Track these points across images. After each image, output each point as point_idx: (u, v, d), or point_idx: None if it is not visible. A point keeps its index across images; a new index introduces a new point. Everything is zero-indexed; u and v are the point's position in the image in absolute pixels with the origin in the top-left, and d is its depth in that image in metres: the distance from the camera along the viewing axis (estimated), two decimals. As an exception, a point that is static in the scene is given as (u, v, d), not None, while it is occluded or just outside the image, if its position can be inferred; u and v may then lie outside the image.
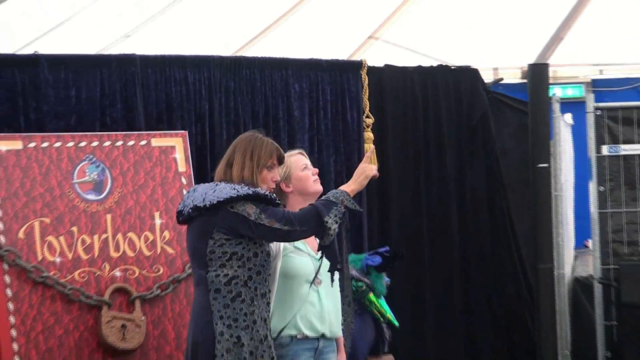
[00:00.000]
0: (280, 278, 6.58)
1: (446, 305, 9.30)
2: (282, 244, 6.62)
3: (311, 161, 6.81)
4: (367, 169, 6.30)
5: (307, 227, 6.12)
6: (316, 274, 6.61)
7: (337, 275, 6.74)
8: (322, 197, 6.20)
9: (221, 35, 9.83)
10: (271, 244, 6.59)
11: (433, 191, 9.33)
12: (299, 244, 6.67)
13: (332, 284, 6.45)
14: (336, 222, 6.08)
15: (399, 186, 9.20)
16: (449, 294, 9.33)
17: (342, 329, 6.59)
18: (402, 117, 9.24)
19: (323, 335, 6.66)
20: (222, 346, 6.16)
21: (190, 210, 6.20)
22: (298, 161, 6.81)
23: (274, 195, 6.24)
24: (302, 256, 6.65)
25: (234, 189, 6.14)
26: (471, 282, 9.43)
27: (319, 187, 6.80)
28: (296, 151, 6.93)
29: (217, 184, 6.32)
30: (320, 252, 6.67)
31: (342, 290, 6.50)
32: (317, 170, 6.84)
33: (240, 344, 6.14)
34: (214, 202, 6.12)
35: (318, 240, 6.24)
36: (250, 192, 6.09)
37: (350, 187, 6.19)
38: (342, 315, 6.60)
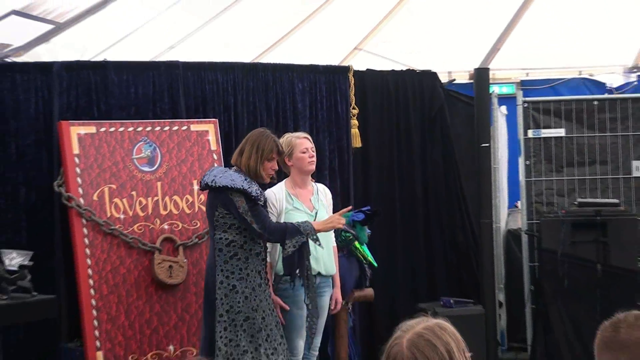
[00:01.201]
0: None
1: (412, 250, 9.27)
2: (284, 203, 6.77)
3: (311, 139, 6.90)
4: (337, 221, 6.47)
5: (273, 239, 6.33)
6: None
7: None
8: (298, 224, 6.33)
9: (243, 46, 9.85)
10: (274, 205, 6.75)
11: (403, 165, 9.21)
12: (297, 203, 6.80)
13: (292, 286, 6.54)
14: (294, 247, 6.26)
15: (377, 161, 9.11)
16: (415, 242, 9.30)
17: (309, 319, 6.59)
18: (380, 109, 9.15)
19: (319, 274, 6.81)
20: (222, 292, 6.31)
21: (204, 185, 6.39)
22: (301, 144, 6.88)
23: (263, 195, 6.36)
24: (300, 213, 6.74)
25: (233, 180, 6.25)
26: (431, 233, 9.35)
27: (312, 168, 6.92)
28: (303, 135, 6.99)
29: (226, 170, 6.43)
30: (314, 209, 6.86)
31: (307, 293, 6.52)
32: (314, 154, 6.92)
33: (235, 290, 6.29)
34: (219, 185, 6.32)
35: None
36: (242, 188, 6.23)
37: (319, 226, 6.38)
38: (307, 317, 6.62)
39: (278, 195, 6.80)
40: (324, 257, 6.86)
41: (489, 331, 8.37)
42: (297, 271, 6.39)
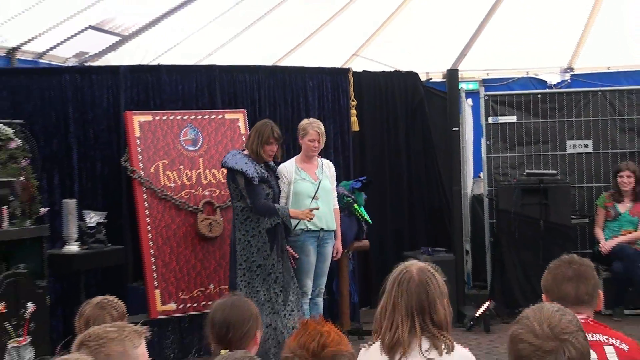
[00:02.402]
0: (293, 196, 6.75)
1: (399, 210, 9.32)
2: (293, 175, 6.77)
3: (322, 130, 6.89)
4: (307, 215, 6.47)
5: (258, 214, 6.37)
6: (315, 192, 6.80)
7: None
8: (279, 208, 6.40)
9: (266, 52, 9.87)
10: (285, 176, 6.75)
11: (391, 145, 9.24)
12: (304, 175, 6.82)
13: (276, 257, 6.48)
14: (270, 224, 6.38)
15: (371, 143, 9.15)
16: (400, 204, 9.34)
17: (284, 274, 6.54)
18: (373, 101, 9.16)
19: (322, 229, 6.84)
20: (240, 246, 6.43)
21: (222, 164, 6.54)
22: (311, 134, 6.89)
23: (258, 175, 6.39)
24: (305, 182, 6.80)
25: (236, 163, 6.39)
26: (414, 197, 9.42)
27: (314, 155, 6.91)
28: (316, 126, 6.92)
29: (236, 154, 6.55)
30: (318, 180, 6.85)
31: (279, 260, 6.52)
32: (318, 145, 6.89)
33: (250, 244, 6.43)
34: (227, 166, 6.40)
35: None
36: (241, 170, 6.35)
37: (293, 214, 6.42)
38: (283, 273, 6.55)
39: (289, 168, 6.85)
40: (326, 215, 6.88)
41: (458, 273, 8.40)
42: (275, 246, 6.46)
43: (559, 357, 2.29)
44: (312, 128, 6.89)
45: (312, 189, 6.82)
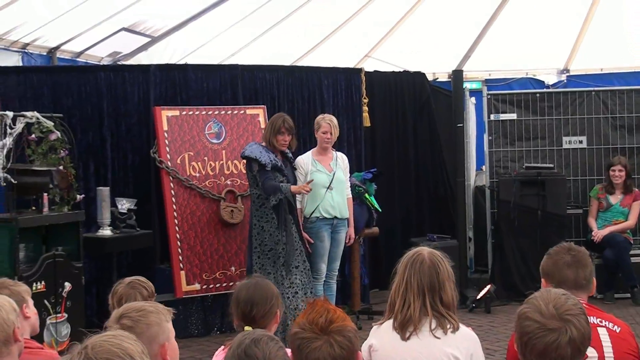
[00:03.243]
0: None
1: (406, 200, 9.30)
2: (309, 166, 6.75)
3: (334, 123, 6.85)
4: (304, 188, 6.40)
5: (266, 193, 6.33)
6: (330, 183, 6.78)
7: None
8: (282, 186, 6.33)
9: (285, 52, 9.85)
10: (302, 167, 6.73)
11: (400, 140, 9.25)
12: (319, 167, 6.80)
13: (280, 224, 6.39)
14: (275, 201, 6.30)
15: (381, 137, 9.13)
16: (408, 194, 9.32)
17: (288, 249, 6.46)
18: (383, 98, 9.16)
19: (335, 217, 6.83)
20: (255, 231, 6.44)
21: (241, 155, 6.57)
22: (324, 127, 6.88)
23: (272, 162, 6.37)
24: (320, 174, 6.78)
25: (252, 151, 6.41)
26: (420, 188, 9.41)
27: (326, 146, 6.87)
28: (329, 119, 6.89)
29: (252, 144, 6.56)
30: (332, 171, 6.81)
31: (283, 234, 6.44)
32: (331, 137, 6.84)
33: (263, 230, 6.42)
34: (244, 155, 6.45)
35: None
36: (255, 157, 6.35)
37: (294, 189, 6.34)
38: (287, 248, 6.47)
39: (305, 160, 6.85)
40: (339, 204, 6.86)
41: (462, 259, 8.37)
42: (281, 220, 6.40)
43: (561, 336, 2.29)
44: (325, 121, 6.89)
45: (327, 179, 6.80)
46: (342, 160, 7.05)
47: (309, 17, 9.53)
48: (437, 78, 10.09)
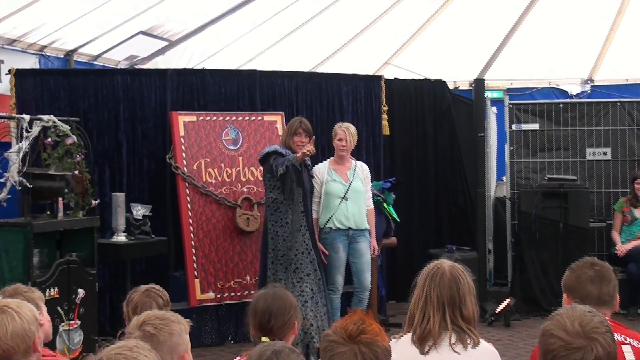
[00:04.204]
0: (323, 195, 6.70)
1: (425, 210, 9.27)
2: (325, 175, 6.73)
3: (351, 130, 6.82)
4: (307, 149, 6.21)
5: (276, 167, 6.28)
6: (345, 193, 6.73)
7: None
8: (288, 156, 6.28)
9: (303, 58, 9.88)
10: (318, 176, 6.71)
11: (420, 148, 9.22)
12: (335, 176, 6.76)
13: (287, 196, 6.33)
14: (282, 170, 6.23)
15: (401, 147, 9.12)
16: (427, 204, 9.29)
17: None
18: (403, 106, 9.13)
19: (350, 228, 6.72)
20: (269, 236, 6.40)
21: (259, 160, 6.59)
22: (340, 134, 6.83)
23: (287, 152, 6.36)
24: (336, 184, 6.73)
25: (270, 147, 6.49)
26: (440, 198, 9.37)
27: (342, 154, 6.79)
28: (345, 126, 6.83)
29: (272, 145, 6.54)
30: (348, 181, 6.78)
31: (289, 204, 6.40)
32: (347, 144, 6.76)
33: (277, 235, 6.38)
34: (263, 154, 6.47)
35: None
36: (275, 150, 6.39)
37: (297, 156, 6.22)
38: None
39: (321, 169, 6.81)
40: (354, 215, 6.77)
41: (481, 271, 8.36)
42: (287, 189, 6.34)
43: (587, 354, 2.27)
44: (341, 128, 6.85)
45: (342, 189, 6.74)
46: (361, 169, 6.97)
47: (328, 23, 9.55)
48: (458, 86, 10.08)
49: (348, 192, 6.74)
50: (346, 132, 6.81)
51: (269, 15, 9.06)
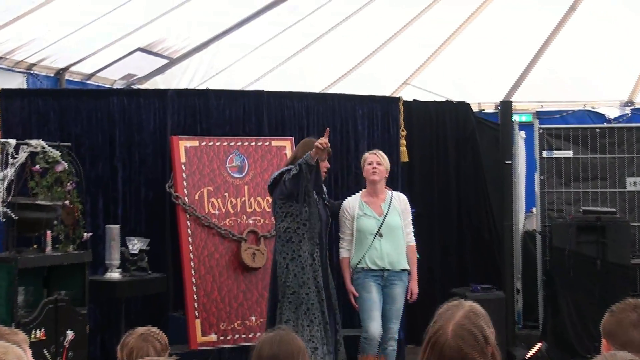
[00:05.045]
0: (355, 232, 6.61)
1: (448, 245, 9.19)
2: (356, 210, 6.65)
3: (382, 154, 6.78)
4: (318, 144, 6.00)
5: (288, 177, 6.13)
6: (379, 229, 6.64)
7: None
8: (304, 158, 6.08)
9: (315, 78, 9.91)
10: (348, 211, 6.64)
11: (441, 177, 9.16)
12: (367, 210, 6.66)
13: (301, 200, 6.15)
14: (295, 170, 6.05)
15: (420, 174, 9.08)
16: (450, 239, 9.22)
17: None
18: (423, 131, 9.08)
19: (385, 269, 6.62)
20: (280, 270, 6.27)
21: (268, 186, 6.47)
22: (366, 158, 6.80)
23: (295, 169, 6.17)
24: (368, 219, 6.64)
25: (281, 172, 6.30)
26: (463, 232, 9.28)
27: (374, 178, 6.68)
28: (375, 151, 6.81)
29: (284, 168, 6.39)
30: (382, 215, 6.68)
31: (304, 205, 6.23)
32: (378, 167, 6.66)
33: (287, 269, 6.24)
34: (272, 179, 6.37)
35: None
36: (284, 170, 6.25)
37: (311, 152, 6.00)
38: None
39: (352, 204, 6.72)
40: (390, 254, 6.66)
41: (509, 312, 8.29)
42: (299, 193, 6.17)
43: None
44: (370, 153, 6.80)
45: (375, 225, 6.62)
46: (398, 201, 6.81)
47: (342, 40, 9.58)
48: (483, 109, 10.08)
49: (382, 227, 6.64)
50: (377, 155, 6.75)
51: (278, 30, 9.11)
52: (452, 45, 10.02)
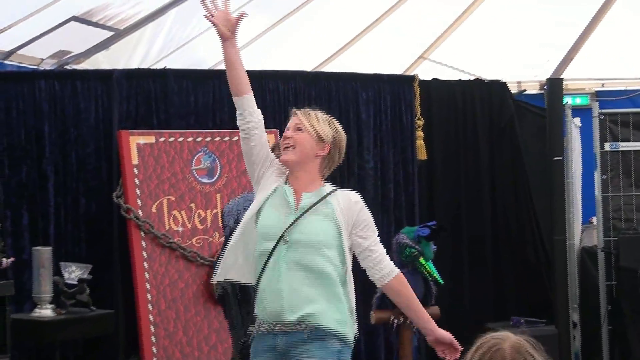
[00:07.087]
0: None
1: (480, 267, 9.21)
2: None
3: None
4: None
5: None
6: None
7: None
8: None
9: (305, 53, 9.83)
10: None
11: (470, 179, 9.23)
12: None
13: None
14: (219, 291, 6.12)
15: (443, 175, 9.14)
16: (482, 259, 9.24)
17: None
18: (446, 120, 9.17)
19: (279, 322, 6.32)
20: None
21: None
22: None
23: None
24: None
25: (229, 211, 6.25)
26: (500, 249, 9.32)
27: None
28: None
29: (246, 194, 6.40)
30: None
31: None
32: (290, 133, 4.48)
33: None
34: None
35: None
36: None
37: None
38: None
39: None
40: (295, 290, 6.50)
41: (563, 353, 8.31)
42: None
43: None
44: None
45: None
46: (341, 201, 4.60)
47: (340, 4, 9.51)
48: (525, 90, 10.08)
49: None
50: (299, 116, 4.53)
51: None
52: (482, 8, 9.95)
